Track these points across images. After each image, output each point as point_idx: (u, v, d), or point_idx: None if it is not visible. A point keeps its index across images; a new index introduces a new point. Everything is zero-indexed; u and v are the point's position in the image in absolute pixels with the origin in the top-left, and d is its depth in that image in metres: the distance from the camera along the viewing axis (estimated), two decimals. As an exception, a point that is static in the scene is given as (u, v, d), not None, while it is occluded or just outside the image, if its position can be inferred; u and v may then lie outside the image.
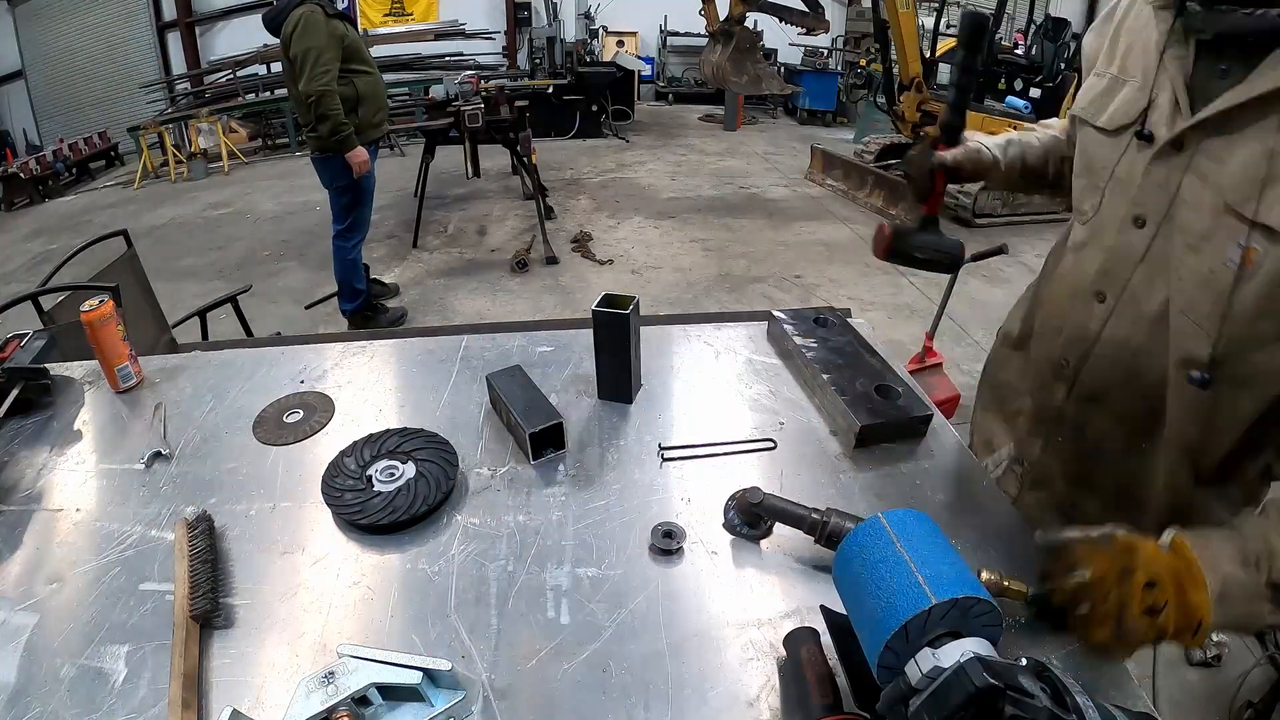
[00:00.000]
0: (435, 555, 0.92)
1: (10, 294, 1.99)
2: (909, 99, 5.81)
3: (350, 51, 3.32)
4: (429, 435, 1.09)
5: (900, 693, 0.58)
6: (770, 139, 9.05)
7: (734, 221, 5.83)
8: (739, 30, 4.85)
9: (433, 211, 5.86)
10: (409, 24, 9.57)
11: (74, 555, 0.92)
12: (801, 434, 1.13)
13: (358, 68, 3.38)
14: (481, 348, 1.38)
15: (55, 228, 6.06)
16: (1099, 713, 0.54)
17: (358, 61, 3.38)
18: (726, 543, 0.93)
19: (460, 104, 4.82)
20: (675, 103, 10.91)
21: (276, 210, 6.10)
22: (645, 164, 7.64)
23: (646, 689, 0.75)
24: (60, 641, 0.80)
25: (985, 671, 0.52)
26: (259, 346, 1.45)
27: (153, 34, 9.01)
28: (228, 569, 0.89)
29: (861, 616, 0.65)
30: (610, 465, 1.08)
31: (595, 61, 9.69)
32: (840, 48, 10.09)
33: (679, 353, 1.36)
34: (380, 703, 0.70)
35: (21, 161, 6.99)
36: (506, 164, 6.59)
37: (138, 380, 1.28)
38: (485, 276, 4.78)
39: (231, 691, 0.75)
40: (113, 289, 1.65)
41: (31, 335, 1.36)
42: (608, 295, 1.16)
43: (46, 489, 1.04)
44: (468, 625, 0.82)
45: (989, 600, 0.60)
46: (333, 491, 0.99)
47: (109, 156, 8.23)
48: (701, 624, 0.82)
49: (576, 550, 0.92)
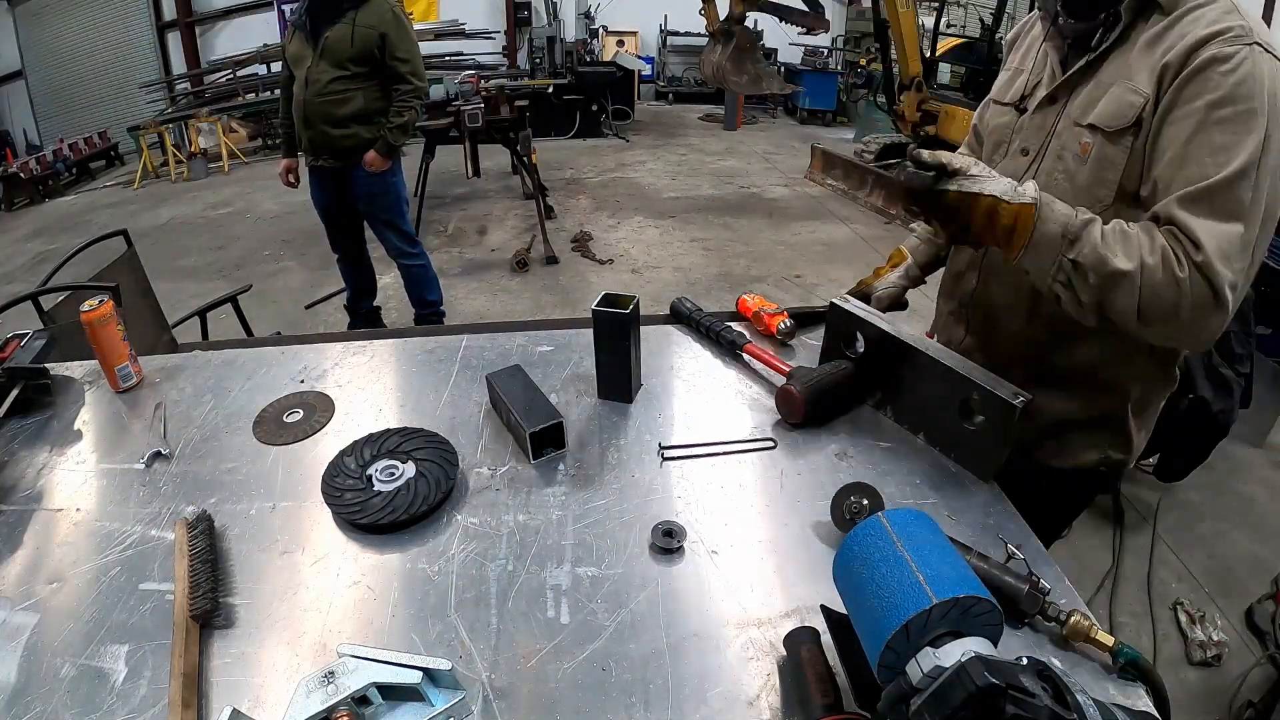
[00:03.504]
0: (435, 555, 0.92)
1: (10, 294, 1.99)
2: (909, 98, 5.81)
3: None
4: (429, 435, 1.09)
5: (901, 692, 0.58)
6: (770, 138, 9.04)
7: (734, 221, 5.83)
8: (739, 30, 4.84)
9: (433, 211, 5.86)
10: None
11: (74, 555, 0.92)
12: (802, 433, 1.13)
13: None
14: (481, 347, 1.38)
15: (55, 228, 6.06)
16: (1100, 711, 0.54)
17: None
18: (727, 543, 0.93)
19: (460, 104, 4.82)
20: (675, 102, 10.91)
21: (277, 210, 6.09)
22: (645, 163, 7.64)
23: (646, 688, 0.75)
24: (60, 641, 0.80)
25: (987, 671, 0.52)
26: (259, 346, 1.45)
27: (153, 34, 9.01)
28: (228, 569, 0.89)
29: (862, 616, 0.64)
30: (610, 465, 1.07)
31: (595, 61, 9.68)
32: (840, 47, 10.09)
33: (679, 353, 1.36)
34: (380, 702, 0.70)
35: (21, 161, 6.98)
36: (506, 164, 6.59)
37: (138, 380, 1.28)
38: (485, 276, 4.78)
39: (231, 691, 0.75)
40: (113, 289, 1.65)
41: (32, 335, 1.36)
42: (608, 295, 1.16)
43: (47, 489, 1.04)
44: (468, 625, 0.82)
45: (989, 599, 0.60)
46: (333, 491, 0.99)
47: (109, 156, 8.23)
48: (701, 623, 0.82)
49: (576, 550, 0.92)
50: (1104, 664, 0.77)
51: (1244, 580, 2.37)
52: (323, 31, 2.98)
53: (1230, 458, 2.89)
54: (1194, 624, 2.17)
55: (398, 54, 3.04)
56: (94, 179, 7.70)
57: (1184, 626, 2.18)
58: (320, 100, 3.04)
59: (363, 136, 3.12)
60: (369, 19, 2.96)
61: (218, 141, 7.79)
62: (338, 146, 3.14)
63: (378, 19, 2.97)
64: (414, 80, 3.12)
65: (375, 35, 2.97)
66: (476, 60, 9.56)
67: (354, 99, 3.06)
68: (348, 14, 2.96)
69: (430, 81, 3.66)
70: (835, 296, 1.25)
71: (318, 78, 3.01)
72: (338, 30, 2.96)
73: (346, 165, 3.18)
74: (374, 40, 2.98)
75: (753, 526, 0.96)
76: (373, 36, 2.97)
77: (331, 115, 3.07)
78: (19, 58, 8.47)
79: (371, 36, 2.97)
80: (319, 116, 3.08)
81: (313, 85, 3.03)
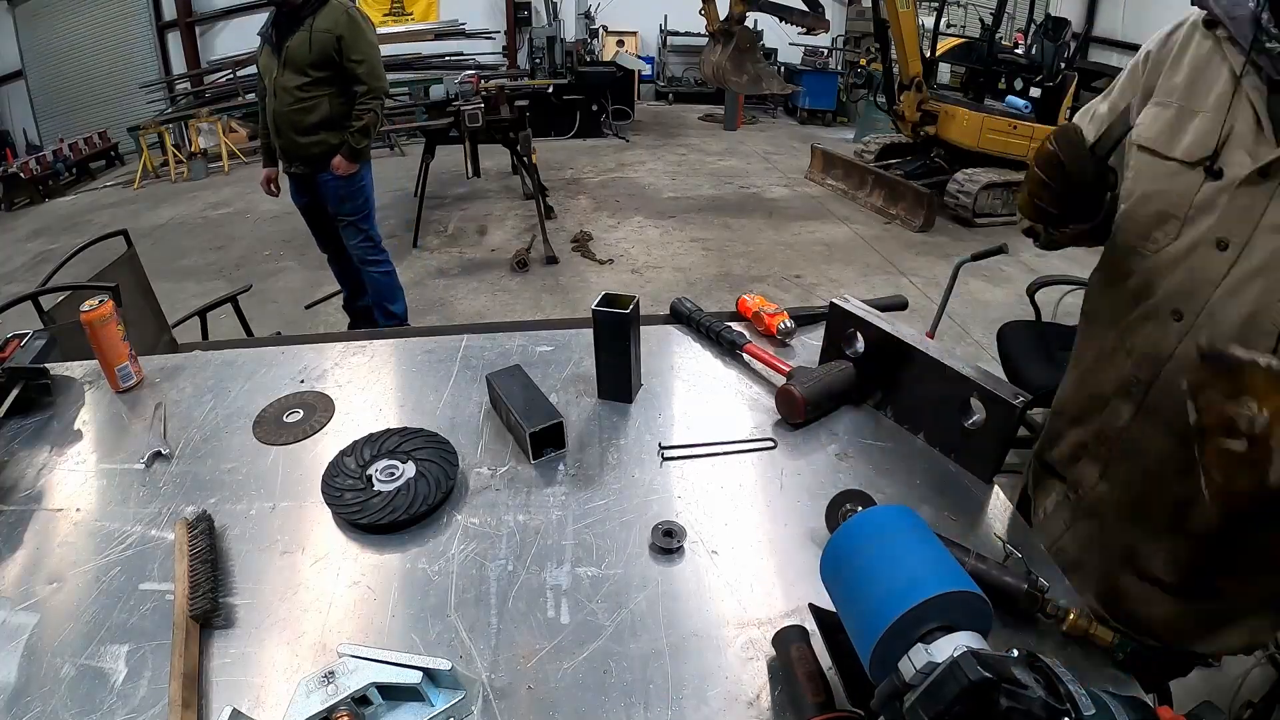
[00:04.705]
0: (435, 555, 0.92)
1: (10, 294, 1.99)
2: (909, 98, 5.80)
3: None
4: (429, 435, 1.09)
5: (894, 689, 0.58)
6: (770, 138, 9.04)
7: (734, 221, 5.83)
8: (739, 30, 4.84)
9: (433, 211, 5.86)
10: (409, 24, 9.56)
11: (74, 555, 0.92)
12: (802, 433, 1.13)
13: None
14: (481, 347, 1.38)
15: (55, 228, 6.06)
16: (1091, 699, 0.54)
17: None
18: (727, 543, 0.93)
19: (460, 104, 4.82)
20: (675, 102, 10.90)
21: (276, 210, 6.06)
22: (645, 163, 7.64)
23: (646, 688, 0.75)
24: (60, 641, 0.80)
25: (979, 664, 0.53)
26: (259, 346, 1.45)
27: (153, 34, 9.00)
28: (228, 569, 0.89)
29: (852, 614, 0.64)
30: (610, 465, 1.08)
31: (595, 61, 9.68)
32: (840, 47, 10.08)
33: (679, 353, 1.36)
34: (380, 702, 0.70)
35: (22, 161, 6.98)
36: (506, 164, 6.58)
37: (138, 380, 1.28)
38: (485, 276, 4.78)
39: (231, 691, 0.75)
40: (113, 289, 1.65)
41: (32, 335, 1.36)
42: (608, 295, 1.16)
43: (47, 489, 1.04)
44: (468, 625, 0.82)
45: (978, 593, 0.60)
46: (333, 491, 0.99)
47: (109, 156, 8.22)
48: (701, 623, 0.82)
49: (576, 550, 0.92)
50: (1103, 659, 0.77)
51: (1244, 580, 2.37)
52: (285, 41, 2.99)
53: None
54: (1194, 624, 2.17)
55: (353, 55, 3.04)
56: (94, 179, 7.69)
57: (1184, 626, 2.18)
58: (288, 110, 3.07)
59: (330, 143, 3.15)
60: (324, 23, 2.98)
61: (218, 141, 7.79)
62: (306, 154, 3.17)
63: (333, 22, 2.99)
64: (370, 81, 3.12)
65: (332, 38, 2.99)
66: (476, 60, 9.56)
67: (319, 106, 3.08)
68: (306, 20, 2.97)
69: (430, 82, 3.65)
70: (835, 296, 1.24)
71: (284, 86, 3.04)
72: (297, 37, 2.98)
73: (317, 171, 3.21)
74: (330, 44, 2.99)
75: (752, 526, 0.96)
76: (329, 40, 2.98)
77: (298, 123, 3.09)
78: (19, 58, 8.46)
79: (328, 40, 2.98)
80: (288, 125, 3.11)
81: (280, 95, 3.06)
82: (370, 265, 3.57)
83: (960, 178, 5.64)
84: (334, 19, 2.99)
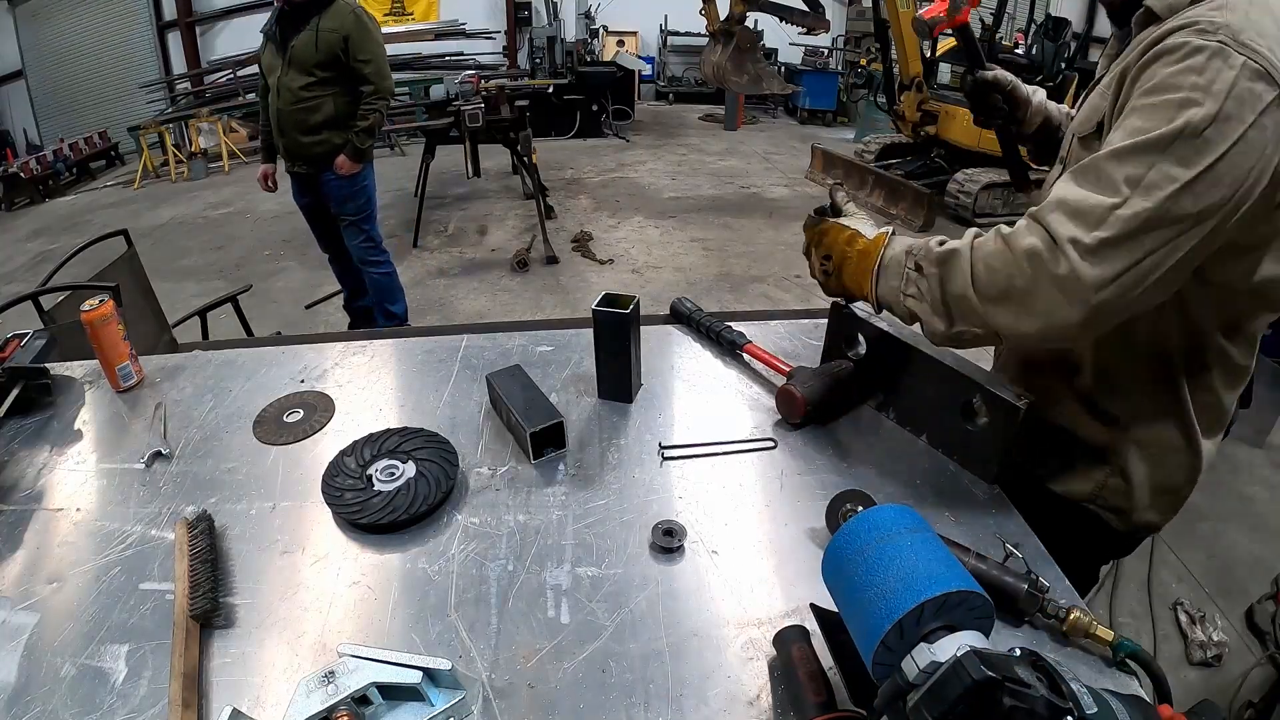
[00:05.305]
0: (435, 555, 0.92)
1: (10, 294, 1.99)
2: (909, 98, 5.81)
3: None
4: (429, 435, 1.09)
5: (897, 688, 0.58)
6: (770, 138, 9.05)
7: (734, 221, 5.83)
8: (739, 30, 4.84)
9: (433, 211, 5.86)
10: (409, 24, 9.58)
11: (74, 555, 0.92)
12: (802, 433, 1.13)
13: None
14: (481, 347, 1.38)
15: (55, 228, 6.06)
16: (1093, 698, 0.54)
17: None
18: (727, 542, 0.93)
19: (460, 104, 4.83)
20: (675, 102, 10.91)
21: (277, 210, 6.08)
22: (645, 163, 7.64)
23: (646, 688, 0.75)
24: (60, 641, 0.80)
25: (982, 664, 0.52)
26: (259, 346, 1.45)
27: (153, 34, 9.01)
28: (228, 569, 0.89)
29: (854, 614, 0.64)
30: (610, 465, 1.07)
31: (595, 61, 9.69)
32: (840, 47, 10.09)
33: (679, 353, 1.36)
34: (380, 702, 0.70)
35: (22, 161, 6.99)
36: (507, 164, 6.59)
37: (138, 380, 1.28)
38: (485, 276, 4.78)
39: (231, 691, 0.75)
40: (113, 289, 1.65)
41: (32, 335, 1.36)
42: (608, 295, 1.16)
43: (47, 488, 1.04)
44: (468, 625, 0.82)
45: (980, 592, 0.60)
46: (333, 491, 0.99)
47: (109, 156, 8.24)
48: (701, 623, 0.82)
49: (576, 550, 0.92)
50: (1105, 658, 0.77)
51: (1244, 580, 2.37)
52: (290, 40, 2.98)
53: (1230, 458, 2.89)
54: (1194, 624, 2.17)
55: (360, 55, 3.03)
56: (94, 179, 7.70)
57: (1184, 626, 2.18)
58: (292, 109, 3.07)
59: (334, 143, 3.14)
60: (331, 22, 2.97)
61: (218, 141, 7.80)
62: (310, 153, 3.16)
63: (339, 21, 2.98)
64: (377, 81, 3.11)
65: (338, 38, 2.98)
66: (476, 60, 9.57)
67: (324, 105, 3.08)
68: (312, 20, 2.95)
69: (430, 81, 3.66)
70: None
71: (288, 86, 3.03)
72: (303, 37, 2.97)
73: (320, 171, 3.21)
74: (337, 43, 2.98)
75: (753, 526, 0.96)
76: (336, 39, 2.97)
77: (303, 123, 3.09)
78: (19, 58, 8.47)
79: (335, 39, 2.97)
80: (291, 125, 3.10)
81: (284, 94, 3.05)
82: (371, 265, 3.57)
83: (960, 178, 5.64)
84: (341, 19, 2.98)
